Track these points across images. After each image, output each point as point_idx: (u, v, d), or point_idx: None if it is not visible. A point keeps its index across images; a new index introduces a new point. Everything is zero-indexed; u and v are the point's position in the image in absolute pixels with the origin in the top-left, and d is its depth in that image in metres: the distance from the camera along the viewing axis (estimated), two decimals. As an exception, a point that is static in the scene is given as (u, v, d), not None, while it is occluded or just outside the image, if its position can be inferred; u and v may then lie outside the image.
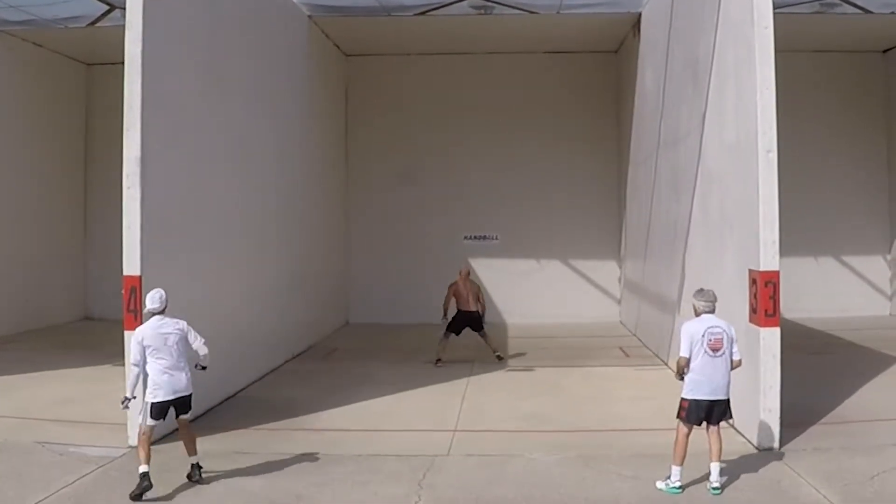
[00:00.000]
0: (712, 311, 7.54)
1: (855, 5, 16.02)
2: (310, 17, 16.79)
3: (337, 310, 19.24)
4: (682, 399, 7.52)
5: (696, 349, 7.38)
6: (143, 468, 7.44)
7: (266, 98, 13.75)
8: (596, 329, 17.89)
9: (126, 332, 9.00)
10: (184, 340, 7.77)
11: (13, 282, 17.43)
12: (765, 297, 8.54)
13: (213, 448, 8.97)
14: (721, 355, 7.39)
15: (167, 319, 7.77)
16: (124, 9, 9.19)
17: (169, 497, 7.46)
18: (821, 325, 17.33)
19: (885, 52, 19.83)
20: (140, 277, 8.93)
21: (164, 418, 7.81)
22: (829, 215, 19.36)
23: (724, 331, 7.45)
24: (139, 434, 7.72)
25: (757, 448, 8.64)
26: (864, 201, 19.75)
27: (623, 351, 15.08)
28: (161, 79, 9.45)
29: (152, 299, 7.74)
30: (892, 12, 16.29)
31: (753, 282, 8.79)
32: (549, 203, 20.03)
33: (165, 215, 9.57)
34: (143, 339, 7.62)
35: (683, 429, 7.48)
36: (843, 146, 19.63)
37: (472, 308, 14.29)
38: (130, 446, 8.82)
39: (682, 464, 7.42)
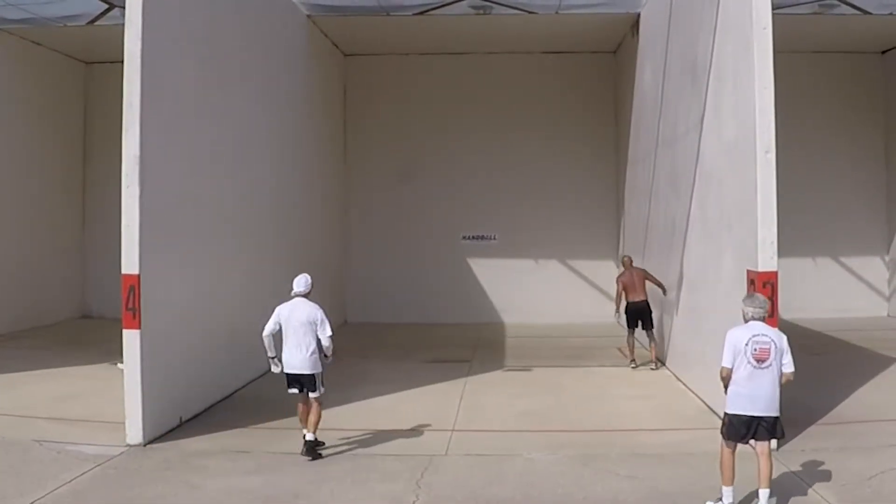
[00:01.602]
0: (762, 318, 6.94)
1: (853, 6, 16.03)
2: (309, 16, 16.79)
3: (335, 309, 19.19)
4: (724, 413, 7.00)
5: (739, 359, 6.81)
6: (306, 435, 8.56)
7: (265, 98, 13.75)
8: (594, 329, 17.88)
9: (125, 331, 9.03)
10: (311, 326, 8.51)
11: (12, 279, 17.41)
12: (763, 297, 8.53)
13: (211, 446, 8.99)
14: (767, 367, 6.79)
15: (305, 304, 8.62)
16: (123, 7, 9.19)
17: (169, 495, 7.45)
18: (819, 326, 17.33)
19: (883, 53, 19.85)
20: (139, 276, 8.92)
21: (299, 389, 8.61)
22: (827, 216, 19.38)
23: (773, 340, 6.84)
24: None
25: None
26: (863, 202, 19.79)
27: (621, 351, 15.07)
28: (160, 77, 9.44)
29: (297, 283, 8.69)
30: (891, 13, 16.32)
31: (752, 282, 8.80)
32: (547, 203, 20.04)
33: (164, 214, 9.57)
34: (279, 315, 8.60)
35: (725, 446, 6.93)
36: (841, 147, 19.65)
37: (641, 297, 13.46)
38: (128, 445, 8.83)
39: (731, 484, 6.86)
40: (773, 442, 7.15)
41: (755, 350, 6.78)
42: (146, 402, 8.91)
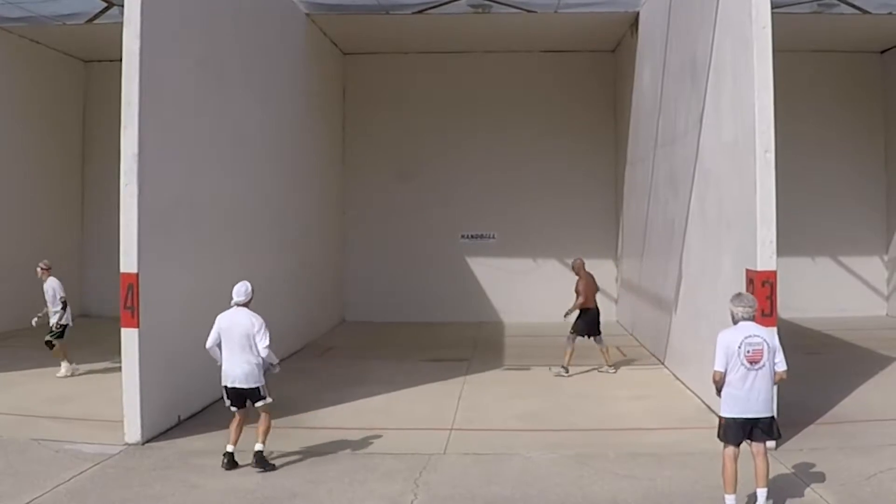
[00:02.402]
0: (752, 318, 6.85)
1: (853, 6, 16.04)
2: (308, 15, 16.78)
3: (333, 308, 19.23)
4: (720, 417, 6.90)
5: (733, 362, 6.70)
6: (227, 447, 8.12)
7: (264, 96, 13.74)
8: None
9: (123, 330, 9.01)
10: (250, 336, 8.06)
11: (11, 278, 17.39)
12: (762, 297, 8.52)
13: (209, 446, 8.96)
14: (761, 368, 6.70)
15: (244, 313, 8.14)
16: (122, 6, 9.19)
17: (168, 495, 7.45)
18: (818, 325, 17.35)
19: (882, 52, 19.85)
20: (137, 275, 8.92)
21: (240, 404, 8.21)
22: (826, 215, 19.39)
23: (765, 340, 6.75)
24: None
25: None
26: (862, 201, 19.79)
27: (619, 350, 15.07)
28: (159, 76, 9.43)
29: (237, 292, 8.20)
30: (890, 13, 16.32)
31: (750, 282, 8.79)
32: (546, 202, 20.04)
33: (163, 212, 9.56)
34: (219, 325, 8.17)
35: (726, 450, 6.81)
36: (840, 146, 19.67)
37: (594, 304, 13.27)
38: (127, 444, 8.83)
39: (734, 491, 6.72)
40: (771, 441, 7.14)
41: (748, 352, 6.71)
42: (144, 401, 8.91)
